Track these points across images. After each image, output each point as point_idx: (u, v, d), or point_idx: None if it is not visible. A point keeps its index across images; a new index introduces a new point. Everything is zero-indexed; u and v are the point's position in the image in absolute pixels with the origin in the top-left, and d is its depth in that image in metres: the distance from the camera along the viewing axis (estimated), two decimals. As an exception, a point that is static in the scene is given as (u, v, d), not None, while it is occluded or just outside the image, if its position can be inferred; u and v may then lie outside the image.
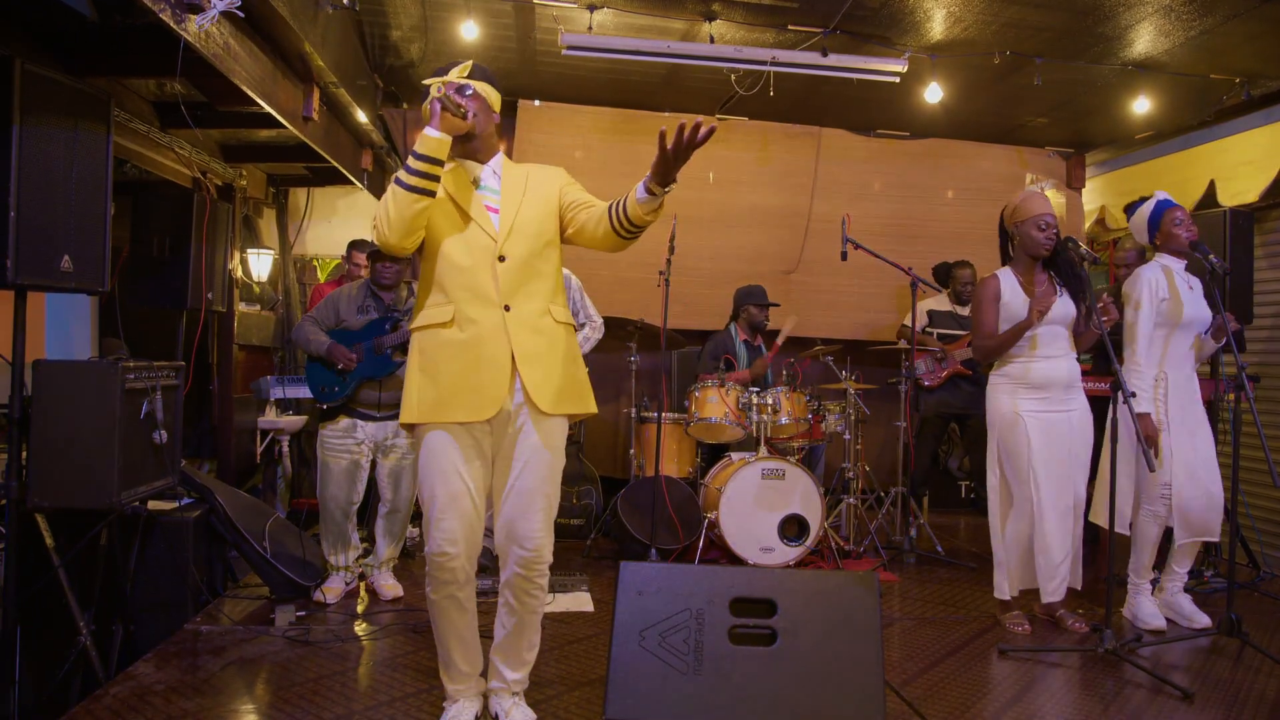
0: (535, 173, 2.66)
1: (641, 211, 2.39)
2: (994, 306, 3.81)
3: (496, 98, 2.67)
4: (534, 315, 2.54)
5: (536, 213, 2.59)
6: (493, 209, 2.58)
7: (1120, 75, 5.27)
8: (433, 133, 2.42)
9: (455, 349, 2.50)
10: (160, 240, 4.53)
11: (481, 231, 2.53)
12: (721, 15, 4.75)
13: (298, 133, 4.65)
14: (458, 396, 2.48)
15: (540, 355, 2.53)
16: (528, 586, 2.60)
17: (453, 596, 2.60)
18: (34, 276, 3.00)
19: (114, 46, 3.89)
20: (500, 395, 2.49)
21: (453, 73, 2.60)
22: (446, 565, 2.54)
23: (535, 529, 2.54)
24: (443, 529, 2.52)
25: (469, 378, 2.48)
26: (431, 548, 2.54)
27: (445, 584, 2.57)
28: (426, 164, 2.41)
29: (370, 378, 4.02)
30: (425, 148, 2.42)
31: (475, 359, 2.49)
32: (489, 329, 2.49)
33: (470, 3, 4.60)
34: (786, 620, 2.52)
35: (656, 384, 5.59)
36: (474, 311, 2.50)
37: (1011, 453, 3.79)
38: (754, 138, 6.58)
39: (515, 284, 2.52)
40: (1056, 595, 3.75)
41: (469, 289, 2.51)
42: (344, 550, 4.12)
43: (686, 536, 4.71)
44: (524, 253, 2.54)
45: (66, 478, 3.17)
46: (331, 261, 7.05)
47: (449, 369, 2.50)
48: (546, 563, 2.59)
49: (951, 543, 5.37)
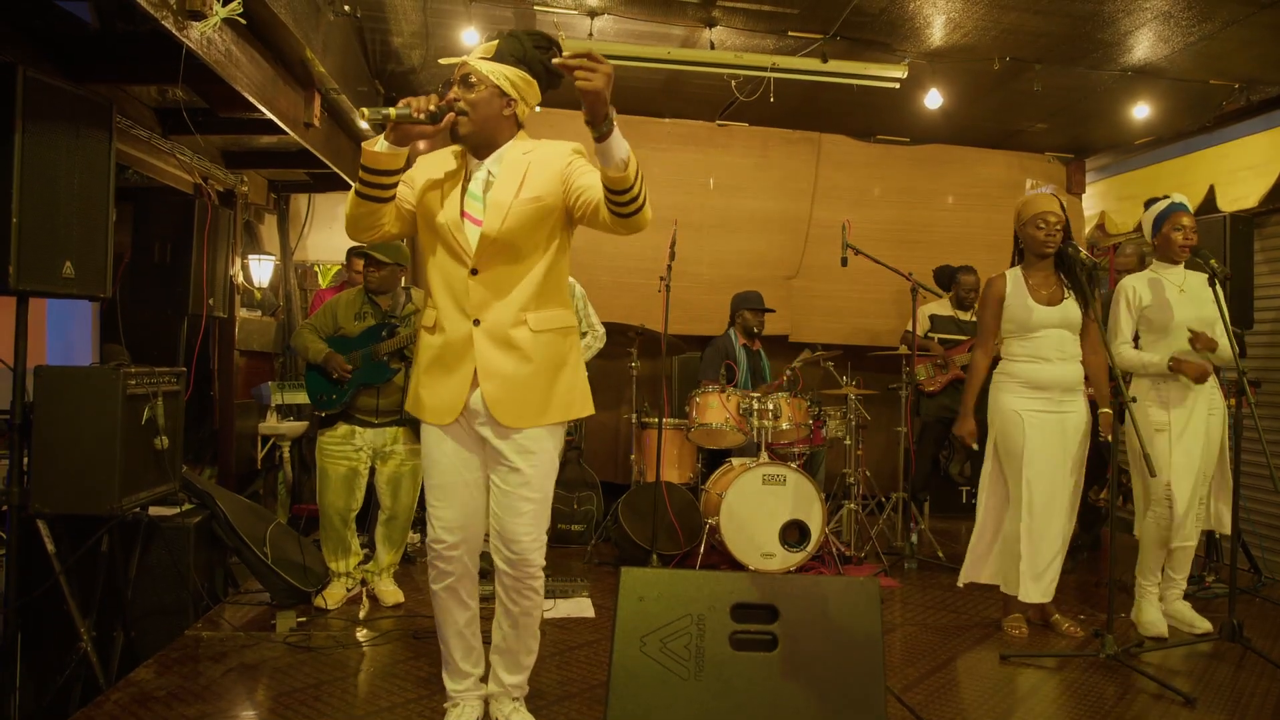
0: (536, 165, 2.47)
1: (607, 170, 2.21)
2: (996, 308, 3.83)
3: (527, 85, 2.46)
4: (505, 327, 2.48)
5: (524, 220, 2.43)
6: (474, 219, 2.47)
7: (1120, 81, 5.28)
8: (382, 146, 2.34)
9: (434, 352, 2.55)
10: (162, 246, 4.54)
11: (456, 243, 2.47)
12: (721, 22, 4.76)
13: (299, 139, 4.66)
14: (429, 398, 2.56)
15: (503, 370, 2.48)
16: (519, 587, 2.60)
17: (452, 589, 2.63)
18: (36, 283, 3.01)
19: (116, 53, 3.90)
20: (457, 405, 2.52)
21: (474, 52, 2.45)
22: (444, 554, 2.59)
23: (520, 529, 2.54)
24: (439, 517, 2.59)
25: (437, 383, 2.54)
26: (430, 535, 2.61)
27: (445, 574, 2.61)
28: (368, 174, 2.37)
29: (368, 385, 4.02)
30: (365, 158, 2.36)
31: (444, 367, 2.53)
32: (458, 340, 2.50)
33: (471, 8, 4.61)
34: (788, 626, 2.51)
35: (657, 389, 5.58)
36: (449, 321, 2.52)
37: (1008, 450, 3.80)
38: (754, 143, 6.59)
39: (487, 298, 2.48)
40: (1046, 596, 3.74)
41: (448, 298, 2.52)
42: (344, 556, 4.11)
43: (687, 542, 4.70)
44: (501, 265, 2.47)
45: (68, 484, 3.17)
46: (333, 267, 7.06)
47: (427, 370, 2.57)
48: (535, 564, 2.59)
49: (953, 548, 5.36)
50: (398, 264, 4.10)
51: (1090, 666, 3.45)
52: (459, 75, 2.43)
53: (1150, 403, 3.84)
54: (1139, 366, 3.87)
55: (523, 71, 2.45)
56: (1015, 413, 3.75)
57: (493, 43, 2.43)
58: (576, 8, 4.62)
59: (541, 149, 2.52)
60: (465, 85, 2.42)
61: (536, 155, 2.50)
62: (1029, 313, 3.74)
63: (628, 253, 6.13)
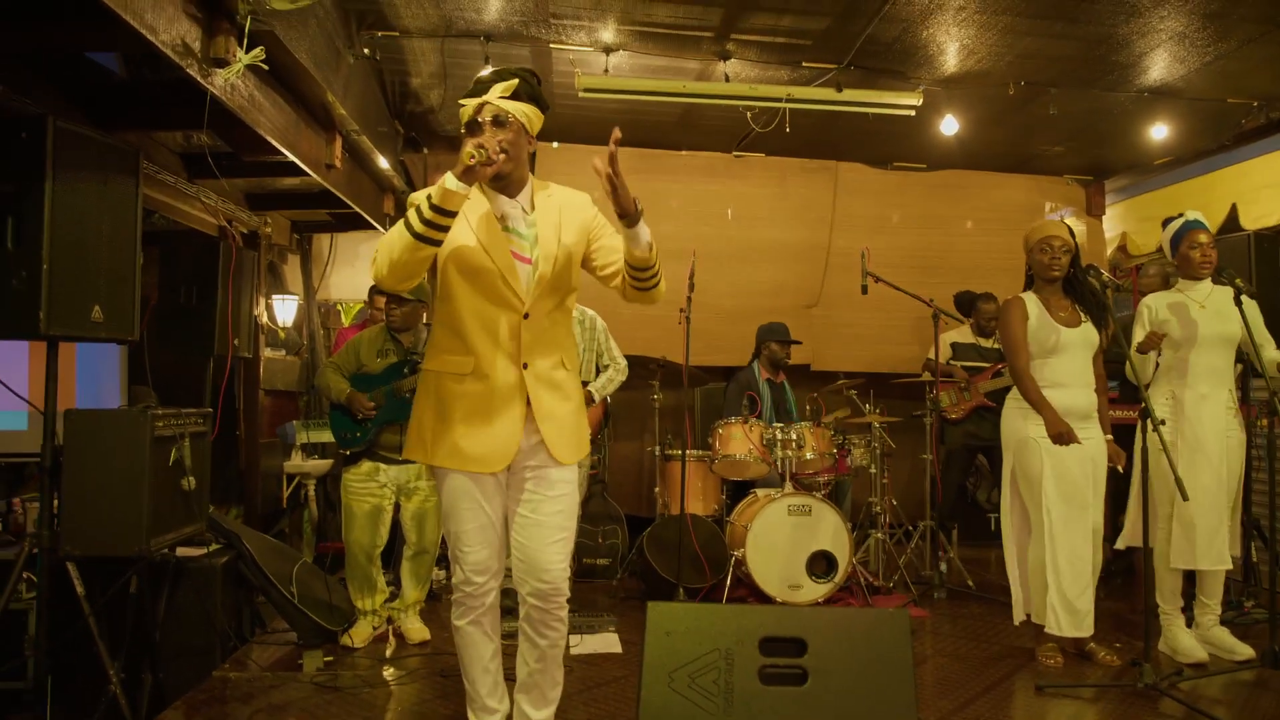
0: (566, 210, 2.54)
1: (632, 250, 2.40)
2: (1023, 324, 3.77)
3: (538, 119, 2.51)
4: (550, 369, 2.53)
5: (566, 266, 2.52)
6: (522, 259, 2.48)
7: (1137, 102, 5.27)
8: (454, 184, 2.28)
9: (473, 401, 2.48)
10: (187, 288, 4.59)
11: (507, 286, 2.45)
12: (736, 54, 4.81)
13: (321, 180, 4.73)
14: (471, 448, 2.48)
15: (555, 411, 2.53)
16: (547, 619, 2.58)
17: (478, 622, 2.62)
18: (66, 327, 3.04)
19: (143, 101, 3.99)
20: (510, 451, 2.49)
21: (493, 91, 2.43)
22: (476, 594, 2.58)
23: (553, 561, 2.54)
24: (471, 561, 2.56)
25: (482, 431, 2.48)
26: (460, 577, 2.58)
27: (472, 609, 2.61)
28: (439, 215, 2.31)
29: (391, 422, 4.03)
30: (443, 200, 2.29)
31: (490, 413, 2.48)
32: (506, 386, 2.48)
33: (488, 48, 4.68)
34: (817, 659, 2.48)
35: (680, 422, 5.57)
36: (493, 366, 2.47)
37: (1027, 478, 3.75)
38: (771, 174, 6.63)
39: (536, 340, 2.49)
40: (1084, 630, 3.66)
41: (490, 342, 2.47)
42: (370, 594, 4.11)
43: (713, 575, 4.67)
44: (549, 308, 2.52)
45: (97, 526, 3.19)
46: (355, 305, 7.13)
47: (464, 419, 2.49)
48: (564, 595, 2.58)
49: (982, 576, 5.29)
50: (419, 300, 4.14)
51: (1129, 696, 3.37)
52: (490, 116, 2.43)
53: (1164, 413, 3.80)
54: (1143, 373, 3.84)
55: (536, 108, 2.50)
56: (1033, 440, 3.71)
57: (510, 82, 2.45)
58: (592, 44, 4.67)
59: (562, 194, 2.59)
60: (499, 125, 2.43)
61: (561, 200, 2.57)
62: (1056, 333, 3.71)
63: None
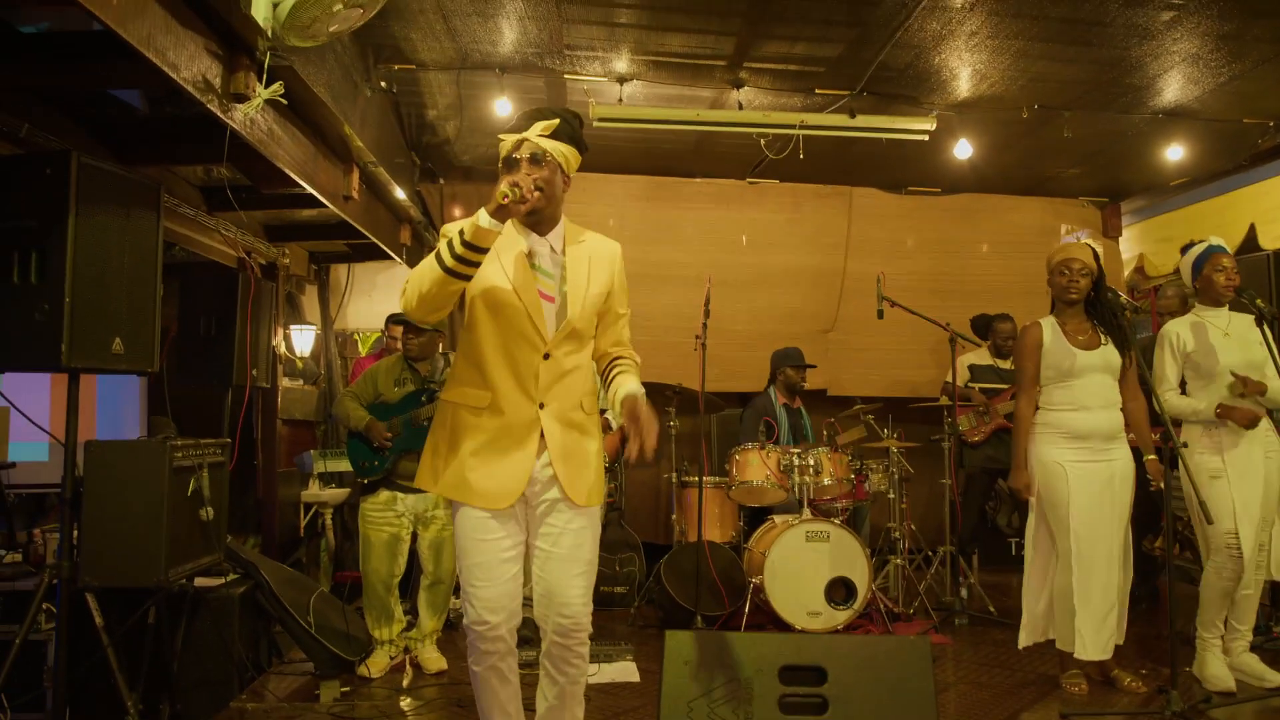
0: (595, 259, 2.58)
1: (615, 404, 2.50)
2: (1035, 354, 3.78)
3: (576, 160, 2.53)
4: (568, 410, 2.51)
5: (592, 310, 2.54)
6: (547, 297, 2.49)
7: (1151, 124, 5.26)
8: (488, 222, 2.27)
9: (486, 435, 2.47)
10: (207, 319, 4.63)
11: (531, 326, 2.45)
12: (749, 82, 4.84)
13: (338, 211, 4.77)
14: (479, 482, 2.46)
15: (572, 451, 2.50)
16: (568, 655, 2.54)
17: (494, 668, 2.55)
18: (87, 360, 3.07)
19: (164, 136, 4.05)
20: (518, 489, 2.47)
21: (534, 129, 2.45)
22: (487, 635, 2.49)
23: (574, 596, 2.50)
24: (480, 599, 2.48)
25: (491, 466, 2.46)
26: (471, 617, 2.50)
27: (487, 654, 2.52)
28: (471, 251, 2.31)
29: (409, 450, 4.04)
30: (475, 237, 2.28)
31: (502, 449, 2.47)
32: (521, 423, 2.46)
33: (503, 80, 4.73)
34: (837, 688, 2.45)
35: (696, 448, 5.56)
36: (509, 403, 2.46)
37: (1052, 503, 3.71)
38: (786, 200, 6.65)
39: (554, 380, 2.49)
40: (1106, 652, 3.62)
41: (510, 379, 2.47)
42: (388, 624, 4.10)
43: (732, 602, 4.63)
44: (570, 349, 2.51)
45: (116, 556, 3.20)
46: (372, 335, 7.17)
47: (475, 452, 2.47)
48: (586, 630, 2.54)
49: (1004, 602, 5.22)
50: (436, 330, 4.16)
51: (1156, 724, 3.32)
52: (528, 153, 2.44)
53: (1204, 449, 3.75)
54: (1188, 413, 3.79)
55: (575, 149, 2.52)
56: (1057, 464, 3.68)
57: (552, 121, 2.46)
58: (606, 75, 4.72)
59: (593, 241, 2.61)
60: (535, 163, 2.44)
61: (593, 248, 2.60)
62: (1072, 358, 3.69)
63: (664, 312, 6.18)
